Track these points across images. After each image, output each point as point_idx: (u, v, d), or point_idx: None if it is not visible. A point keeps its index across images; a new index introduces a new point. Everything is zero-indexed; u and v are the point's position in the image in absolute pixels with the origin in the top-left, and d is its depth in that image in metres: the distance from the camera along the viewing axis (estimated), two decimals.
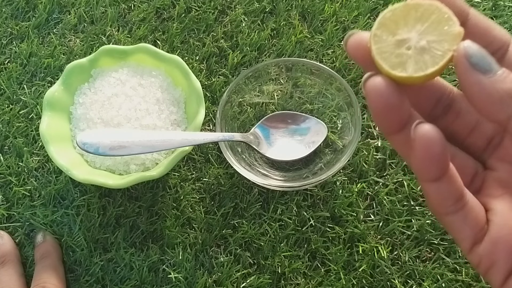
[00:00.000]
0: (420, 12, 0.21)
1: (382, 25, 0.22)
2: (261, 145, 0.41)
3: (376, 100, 0.21)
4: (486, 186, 0.23)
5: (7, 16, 0.51)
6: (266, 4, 0.50)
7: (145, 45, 0.43)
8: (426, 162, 0.20)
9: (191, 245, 0.40)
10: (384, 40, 0.21)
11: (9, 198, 0.42)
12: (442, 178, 0.21)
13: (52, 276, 0.37)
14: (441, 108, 0.24)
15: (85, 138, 0.35)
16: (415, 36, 0.21)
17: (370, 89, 0.21)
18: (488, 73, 0.20)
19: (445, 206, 0.21)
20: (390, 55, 0.21)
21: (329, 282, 0.38)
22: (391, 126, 0.22)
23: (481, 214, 0.21)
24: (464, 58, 0.20)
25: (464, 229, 0.21)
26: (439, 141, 0.20)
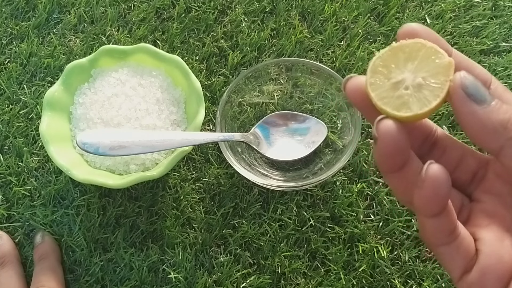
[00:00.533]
0: (407, 51, 0.22)
1: (375, 72, 0.22)
2: (261, 145, 0.41)
3: (389, 143, 0.21)
4: (474, 217, 0.24)
5: (7, 16, 0.51)
6: (266, 4, 0.50)
7: (145, 45, 0.43)
8: (432, 200, 0.21)
9: (191, 245, 0.40)
10: (381, 86, 0.22)
11: (9, 198, 0.42)
12: (442, 213, 0.22)
13: (51, 278, 0.37)
14: (428, 146, 0.26)
15: (85, 138, 0.35)
16: (409, 75, 0.22)
17: (383, 132, 0.21)
18: (483, 103, 0.21)
19: (440, 238, 0.22)
20: (391, 98, 0.21)
21: (329, 282, 0.38)
22: (393, 167, 0.23)
23: (471, 244, 0.22)
24: (460, 89, 0.21)
25: (455, 259, 0.22)
26: (448, 181, 0.21)
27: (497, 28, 0.49)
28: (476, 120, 0.21)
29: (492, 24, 0.49)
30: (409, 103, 0.21)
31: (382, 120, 0.22)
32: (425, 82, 0.21)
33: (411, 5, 0.51)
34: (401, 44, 0.22)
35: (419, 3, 0.51)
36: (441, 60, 0.21)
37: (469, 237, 0.23)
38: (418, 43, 0.22)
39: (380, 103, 0.22)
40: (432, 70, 0.21)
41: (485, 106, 0.21)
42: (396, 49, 0.22)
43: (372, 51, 0.48)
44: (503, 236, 0.23)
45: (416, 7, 0.51)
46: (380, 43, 0.48)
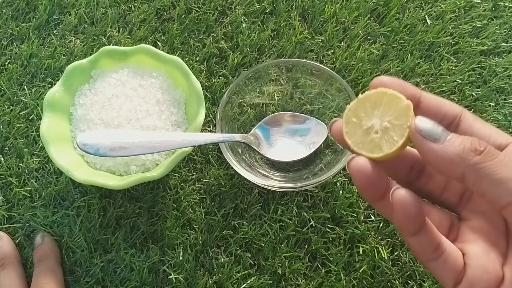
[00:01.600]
0: (372, 100, 0.26)
1: (348, 122, 0.26)
2: (262, 146, 0.41)
3: (360, 178, 0.25)
4: (461, 234, 0.26)
5: (7, 17, 0.51)
6: (266, 5, 0.51)
7: (145, 46, 0.43)
8: (404, 221, 0.24)
9: (191, 246, 0.40)
10: (355, 134, 0.26)
11: (10, 199, 0.42)
12: (420, 232, 0.24)
13: (50, 280, 0.37)
14: (415, 173, 0.29)
15: (85, 139, 0.35)
16: (377, 120, 0.25)
17: (354, 169, 0.25)
18: (438, 141, 0.23)
19: (426, 254, 0.25)
20: (365, 143, 0.25)
21: (330, 283, 0.38)
22: (374, 197, 0.26)
23: (459, 258, 0.25)
24: (416, 132, 0.24)
25: (445, 273, 0.24)
26: (414, 203, 0.23)
27: (497, 29, 0.49)
28: (435, 155, 0.23)
29: (492, 25, 0.49)
30: (380, 145, 0.25)
31: (352, 159, 0.25)
32: (391, 125, 0.25)
33: (411, 5, 0.51)
34: (366, 95, 0.26)
35: (419, 3, 0.51)
36: (401, 103, 0.25)
37: (456, 252, 0.25)
38: (380, 92, 0.25)
39: (356, 148, 0.25)
40: (395, 113, 0.25)
41: (441, 142, 0.23)
42: (362, 100, 0.26)
43: (373, 52, 0.48)
44: (489, 249, 0.25)
45: (416, 7, 0.51)
46: (380, 44, 0.48)
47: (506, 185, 0.22)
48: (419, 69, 0.47)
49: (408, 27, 0.49)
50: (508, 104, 0.45)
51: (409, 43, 0.48)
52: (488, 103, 0.45)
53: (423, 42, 0.48)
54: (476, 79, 0.47)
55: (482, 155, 0.23)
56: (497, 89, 0.46)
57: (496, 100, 0.46)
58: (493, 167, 0.22)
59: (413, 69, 0.47)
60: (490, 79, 0.47)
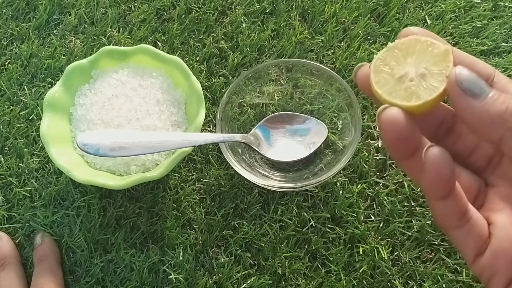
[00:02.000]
0: (404, 48, 0.23)
1: (378, 72, 0.23)
2: (262, 146, 0.41)
3: (391, 132, 0.22)
4: (488, 201, 0.24)
5: (7, 17, 0.51)
6: (266, 5, 0.51)
7: (145, 46, 0.43)
8: (435, 182, 0.22)
9: (191, 246, 0.40)
10: (387, 83, 0.23)
11: (10, 199, 0.42)
12: (449, 196, 0.22)
13: (50, 280, 0.37)
14: (443, 131, 0.26)
15: (85, 139, 0.35)
16: (411, 68, 0.23)
17: (386, 121, 0.22)
18: (479, 97, 0.21)
19: (451, 221, 0.23)
20: (399, 91, 0.22)
21: (330, 283, 0.38)
22: (403, 154, 0.23)
23: (484, 228, 0.23)
24: (455, 84, 0.21)
25: (468, 242, 0.23)
26: (448, 163, 0.21)
27: (497, 29, 0.49)
28: (474, 113, 0.21)
29: (492, 25, 0.49)
30: (417, 92, 0.22)
31: (384, 110, 0.22)
32: (428, 71, 0.22)
33: (411, 6, 0.51)
34: (396, 43, 0.23)
35: (419, 3, 0.51)
36: (437, 49, 0.22)
37: (482, 220, 0.23)
38: (413, 39, 0.23)
39: (390, 97, 0.22)
40: (432, 60, 0.22)
41: (482, 99, 0.21)
42: (393, 48, 0.23)
43: (373, 52, 0.48)
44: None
45: (416, 7, 0.51)
46: (380, 44, 0.48)
47: None
48: None
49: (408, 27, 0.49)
50: None
51: None
52: None
53: None
54: None
55: None
56: None
57: None
58: None
59: None
60: None
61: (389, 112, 0.22)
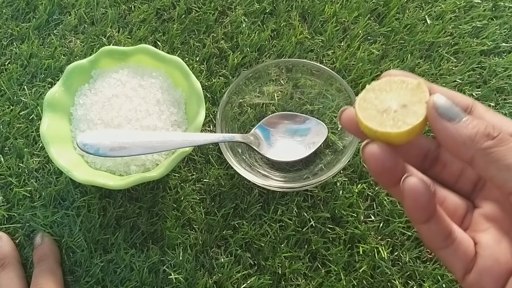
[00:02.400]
0: (382, 88, 0.26)
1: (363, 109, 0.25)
2: (262, 146, 0.41)
3: (375, 164, 0.24)
4: (474, 222, 0.26)
5: (7, 17, 0.51)
6: (266, 5, 0.51)
7: (145, 46, 0.43)
8: (415, 209, 0.24)
9: (191, 246, 0.40)
10: (374, 117, 0.25)
11: (10, 199, 0.42)
12: (431, 220, 0.24)
13: (49, 280, 0.37)
14: (429, 161, 0.28)
15: (85, 139, 0.35)
16: (393, 102, 0.25)
17: (369, 156, 0.24)
18: (453, 120, 0.23)
19: (436, 242, 0.24)
20: (388, 121, 0.24)
21: (330, 283, 0.38)
22: (388, 183, 0.25)
23: (470, 247, 0.24)
24: (433, 109, 0.23)
25: (455, 261, 0.24)
26: (424, 191, 0.23)
27: (497, 29, 0.49)
28: (448, 134, 0.23)
29: (492, 25, 0.49)
30: (404, 120, 0.24)
31: (367, 145, 0.24)
32: (408, 102, 0.24)
33: (411, 6, 0.51)
34: (373, 85, 0.26)
35: (419, 3, 0.51)
36: (411, 84, 0.25)
37: (468, 240, 0.25)
38: (387, 80, 0.26)
39: (380, 128, 0.24)
40: (409, 93, 0.25)
41: (455, 122, 0.23)
42: (371, 90, 0.26)
43: (372, 52, 0.48)
44: (501, 239, 0.24)
45: (416, 7, 0.51)
46: (380, 44, 0.48)
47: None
48: (419, 69, 0.47)
49: (408, 27, 0.49)
50: (508, 104, 0.45)
51: (409, 43, 0.48)
52: (488, 103, 0.45)
53: (423, 42, 0.48)
54: (476, 79, 0.47)
55: (494, 140, 0.22)
56: (497, 89, 0.46)
57: (496, 100, 0.46)
58: (503, 153, 0.22)
59: (413, 69, 0.47)
60: (490, 79, 0.47)
61: (371, 146, 0.24)
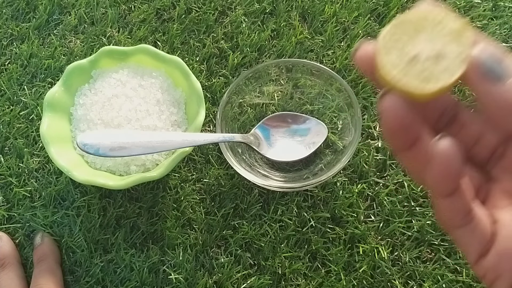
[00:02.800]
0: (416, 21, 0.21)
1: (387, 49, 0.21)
2: (262, 146, 0.41)
3: (392, 121, 0.20)
4: (492, 197, 0.23)
5: (7, 17, 0.51)
6: (266, 5, 0.51)
7: (145, 46, 0.43)
8: (444, 178, 0.20)
9: (191, 246, 0.40)
10: (399, 63, 0.20)
11: (10, 199, 0.42)
12: (455, 192, 0.21)
13: (49, 280, 0.37)
14: (446, 120, 0.24)
15: (85, 139, 0.35)
16: (426, 46, 0.20)
17: (387, 109, 0.20)
18: (498, 82, 0.19)
19: (455, 220, 0.21)
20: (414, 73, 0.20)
21: (330, 283, 0.38)
22: (403, 144, 0.22)
23: (488, 226, 0.21)
24: (476, 66, 0.19)
25: (471, 242, 0.21)
26: (459, 157, 0.19)
27: (497, 29, 0.49)
28: (491, 100, 0.20)
29: (493, 25, 0.49)
30: (437, 74, 0.20)
31: (385, 96, 0.20)
32: (445, 50, 0.20)
33: (411, 6, 0.51)
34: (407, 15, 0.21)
35: None
36: (454, 24, 0.20)
37: (486, 218, 0.22)
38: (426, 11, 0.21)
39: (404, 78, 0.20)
40: (448, 38, 0.20)
41: (501, 85, 0.19)
42: (400, 24, 0.21)
43: None
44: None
45: None
46: None
47: None
48: None
49: None
50: None
51: None
52: None
53: None
54: None
55: None
56: None
57: None
58: None
59: None
60: None
61: (390, 98, 0.20)
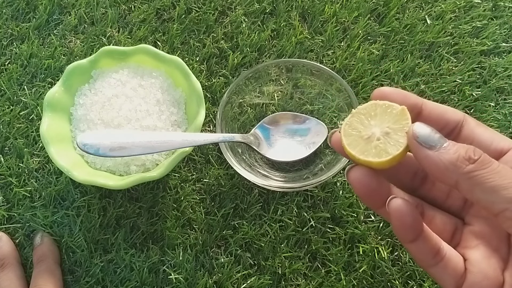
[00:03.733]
0: (366, 113, 0.26)
1: (347, 135, 0.26)
2: (262, 146, 0.41)
3: (360, 188, 0.25)
4: (464, 239, 0.27)
5: (7, 17, 0.51)
6: (266, 5, 0.51)
7: (145, 46, 0.43)
8: (401, 229, 0.25)
9: (191, 246, 0.40)
10: (358, 144, 0.26)
11: (10, 199, 0.42)
12: (418, 239, 0.25)
13: (48, 281, 0.37)
14: (419, 180, 0.29)
15: (85, 139, 0.35)
16: (376, 129, 0.26)
17: (353, 180, 0.25)
18: (434, 148, 0.23)
19: (425, 260, 0.25)
20: (370, 150, 0.25)
21: (330, 283, 0.38)
22: (375, 204, 0.26)
23: (459, 264, 0.25)
24: (412, 139, 0.24)
25: (445, 278, 0.25)
26: (410, 212, 0.24)
27: (497, 29, 0.49)
28: (430, 162, 0.23)
29: (492, 25, 0.49)
30: (386, 149, 0.25)
31: (350, 170, 0.25)
32: (391, 129, 0.25)
33: (411, 6, 0.51)
34: (358, 109, 0.27)
35: (419, 3, 0.51)
36: (395, 109, 0.26)
37: (457, 257, 0.25)
38: (372, 104, 0.26)
39: (363, 156, 0.25)
40: (392, 119, 0.25)
41: (436, 149, 0.23)
42: (356, 114, 0.27)
43: (372, 52, 0.48)
44: (490, 255, 0.25)
45: (416, 7, 0.51)
46: (380, 44, 0.48)
47: (498, 193, 0.22)
48: (419, 69, 0.47)
49: (408, 27, 0.49)
50: (508, 104, 0.45)
51: (409, 43, 0.48)
52: (488, 103, 0.45)
53: (423, 42, 0.48)
54: (476, 79, 0.47)
55: (476, 163, 0.23)
56: (497, 89, 0.46)
57: (496, 100, 0.46)
58: (486, 175, 0.23)
59: (413, 69, 0.47)
60: (490, 79, 0.47)
61: (355, 171, 0.25)
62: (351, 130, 0.26)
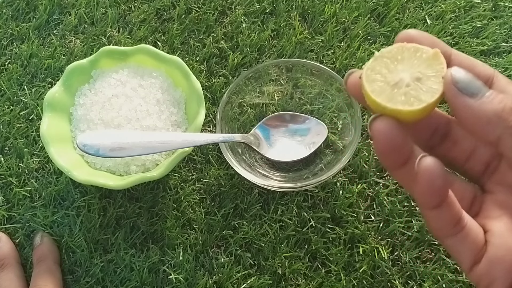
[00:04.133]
0: (392, 56, 0.23)
1: (371, 80, 0.23)
2: (262, 146, 0.41)
3: (383, 141, 0.22)
4: (485, 208, 0.24)
5: (7, 17, 0.51)
6: (266, 5, 0.51)
7: (145, 46, 0.43)
8: (428, 193, 0.21)
9: (191, 246, 0.40)
10: (383, 90, 0.22)
11: (10, 199, 0.42)
12: (442, 205, 0.22)
13: (48, 281, 0.37)
14: (438, 137, 0.25)
15: (85, 140, 0.35)
16: (405, 74, 0.22)
17: (377, 132, 0.22)
18: (475, 96, 0.21)
19: (444, 230, 0.22)
20: (398, 97, 0.22)
21: (330, 283, 0.38)
22: (395, 164, 0.23)
23: (479, 235, 0.22)
24: (451, 84, 0.21)
25: (463, 250, 0.22)
26: (441, 173, 0.21)
27: (497, 29, 0.49)
28: (471, 113, 0.21)
29: (492, 25, 0.49)
30: (418, 96, 0.21)
31: (375, 120, 0.22)
32: (423, 74, 0.22)
33: (411, 6, 0.51)
34: (383, 52, 0.23)
35: (419, 3, 0.51)
36: (426, 53, 0.22)
37: (477, 228, 0.23)
38: (399, 46, 0.23)
39: (390, 104, 0.22)
40: (423, 64, 0.22)
41: (478, 98, 0.21)
42: (381, 57, 0.23)
43: (373, 52, 0.48)
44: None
45: (416, 7, 0.51)
46: (380, 44, 0.48)
47: None
48: None
49: (408, 27, 0.49)
50: None
51: None
52: None
53: None
54: None
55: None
56: None
57: None
58: None
59: None
60: None
61: (381, 121, 0.22)
62: (375, 75, 0.23)
